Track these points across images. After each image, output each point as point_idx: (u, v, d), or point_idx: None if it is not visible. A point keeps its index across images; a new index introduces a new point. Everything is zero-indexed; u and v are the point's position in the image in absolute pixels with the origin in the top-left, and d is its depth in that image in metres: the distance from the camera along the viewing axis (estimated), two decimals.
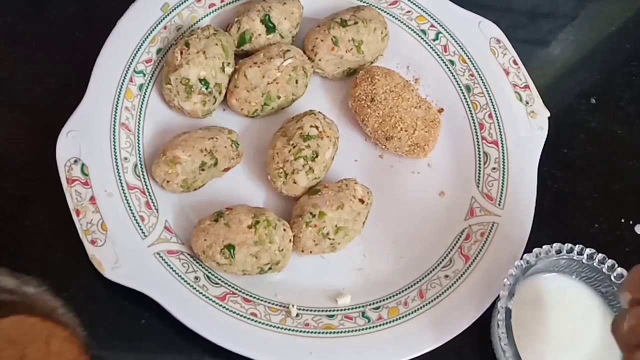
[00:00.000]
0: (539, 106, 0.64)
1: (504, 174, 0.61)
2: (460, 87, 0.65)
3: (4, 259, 0.55)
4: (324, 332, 0.54)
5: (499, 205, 0.60)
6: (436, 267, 0.58)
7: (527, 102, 0.64)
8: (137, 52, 0.62)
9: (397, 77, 0.63)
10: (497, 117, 0.64)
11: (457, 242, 0.59)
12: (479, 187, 0.61)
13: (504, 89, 0.65)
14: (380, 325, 0.54)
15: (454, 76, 0.66)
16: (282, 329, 0.53)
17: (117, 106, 0.59)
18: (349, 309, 0.56)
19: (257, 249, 0.53)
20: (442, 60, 0.66)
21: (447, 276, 0.57)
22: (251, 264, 0.54)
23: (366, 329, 0.54)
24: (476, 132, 0.64)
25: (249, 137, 0.62)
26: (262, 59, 0.60)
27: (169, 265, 0.54)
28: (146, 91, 0.62)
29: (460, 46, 0.66)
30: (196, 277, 0.54)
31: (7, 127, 0.62)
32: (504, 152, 0.62)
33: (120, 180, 0.56)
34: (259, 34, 0.62)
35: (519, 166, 0.62)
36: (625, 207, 0.64)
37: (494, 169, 0.62)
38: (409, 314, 0.55)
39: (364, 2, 0.67)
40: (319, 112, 0.60)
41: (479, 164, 0.62)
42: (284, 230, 0.55)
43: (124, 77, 0.61)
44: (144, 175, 0.58)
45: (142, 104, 0.61)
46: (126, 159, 0.58)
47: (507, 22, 0.70)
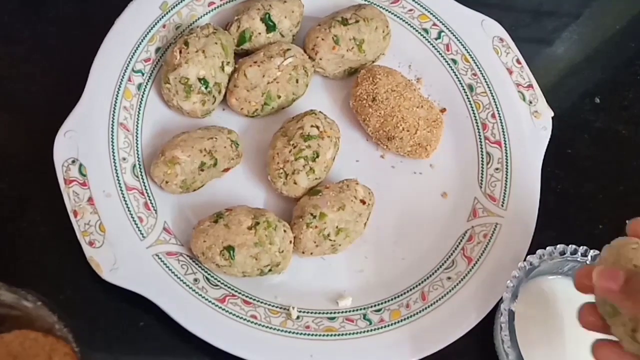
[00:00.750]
0: (543, 106, 0.64)
1: (507, 175, 0.61)
2: (462, 86, 0.66)
3: (1, 260, 0.55)
4: (324, 335, 0.54)
5: (502, 206, 0.60)
6: (438, 269, 0.58)
7: (530, 102, 0.64)
8: (135, 51, 0.62)
9: (399, 76, 0.63)
10: (500, 116, 0.64)
11: (459, 243, 0.59)
12: (481, 187, 0.61)
13: (507, 88, 0.65)
14: (381, 327, 0.55)
15: (456, 75, 0.66)
16: (282, 331, 0.53)
17: (115, 106, 0.59)
18: (350, 311, 0.56)
19: (257, 251, 0.53)
20: (444, 59, 0.67)
21: (449, 278, 0.57)
22: (251, 266, 0.54)
23: (368, 331, 0.54)
24: (479, 132, 0.64)
25: (249, 137, 0.62)
26: (262, 58, 0.60)
27: (167, 266, 0.54)
28: (145, 91, 0.62)
29: (462, 45, 0.67)
30: (195, 279, 0.54)
31: (4, 127, 0.62)
32: (507, 152, 0.62)
33: (118, 180, 0.57)
34: (259, 33, 0.63)
35: (522, 166, 0.62)
36: (630, 208, 0.64)
37: (497, 169, 0.62)
38: (411, 316, 0.55)
39: (366, 1, 0.67)
40: (320, 111, 0.60)
41: (482, 165, 0.62)
42: (285, 231, 0.55)
43: (122, 77, 0.61)
44: (142, 175, 0.58)
45: (141, 103, 0.61)
46: (124, 159, 0.58)
47: (510, 21, 0.70)
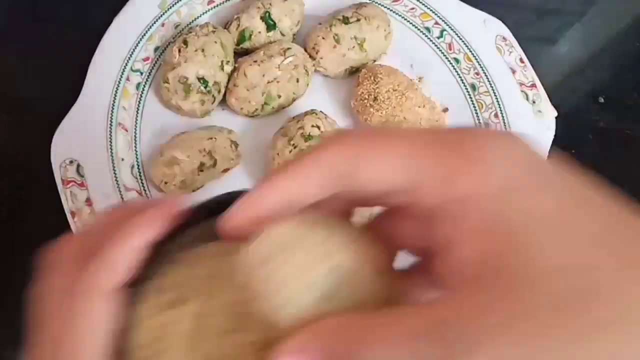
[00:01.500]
0: (546, 106, 0.64)
1: None
2: (465, 86, 0.66)
3: None
4: None
5: None
6: None
7: (533, 102, 0.64)
8: (134, 50, 0.62)
9: (401, 75, 0.63)
10: (503, 116, 0.64)
11: None
12: None
13: (510, 88, 0.65)
14: None
15: (458, 75, 0.66)
16: None
17: (113, 105, 0.59)
18: None
19: None
20: (446, 58, 0.67)
21: None
22: None
23: None
24: None
25: (249, 137, 0.62)
26: (262, 57, 0.60)
27: None
28: (143, 90, 0.62)
29: (465, 44, 0.67)
30: None
31: (1, 127, 0.62)
32: None
33: (117, 181, 0.57)
34: (259, 32, 0.63)
35: None
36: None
37: None
38: None
39: None
40: (321, 111, 0.60)
41: None
42: None
43: (121, 76, 0.61)
44: (141, 176, 0.58)
45: (140, 103, 0.61)
46: (123, 159, 0.58)
47: (514, 19, 0.70)
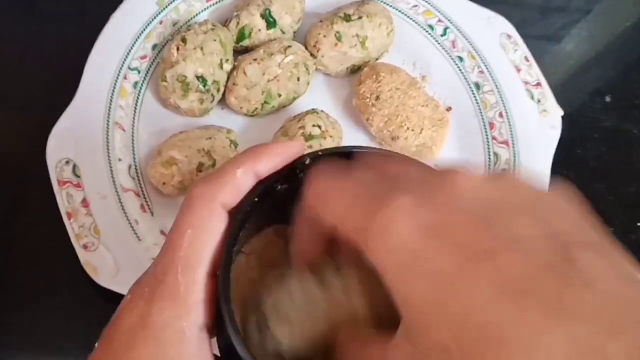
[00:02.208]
0: (552, 104, 0.64)
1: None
2: (469, 84, 0.65)
3: None
4: None
5: None
6: None
7: (539, 101, 0.64)
8: (131, 48, 0.62)
9: (403, 74, 0.63)
10: (507, 116, 0.63)
11: None
12: None
13: (515, 86, 0.65)
14: None
15: (462, 73, 0.66)
16: None
17: (110, 104, 0.59)
18: None
19: None
20: (450, 56, 0.66)
21: None
22: None
23: None
24: (486, 131, 0.63)
25: (249, 136, 0.62)
26: (262, 55, 0.60)
27: None
28: (141, 89, 0.61)
29: (469, 42, 0.66)
30: None
31: None
32: (514, 153, 0.62)
33: (113, 182, 0.56)
34: (259, 29, 0.62)
35: (530, 167, 0.61)
36: None
37: (505, 170, 0.61)
38: None
39: None
40: (322, 110, 0.60)
41: (489, 165, 0.62)
42: None
43: (118, 75, 0.60)
44: (138, 176, 0.58)
45: (137, 102, 0.61)
46: (120, 159, 0.58)
47: (518, 17, 0.70)
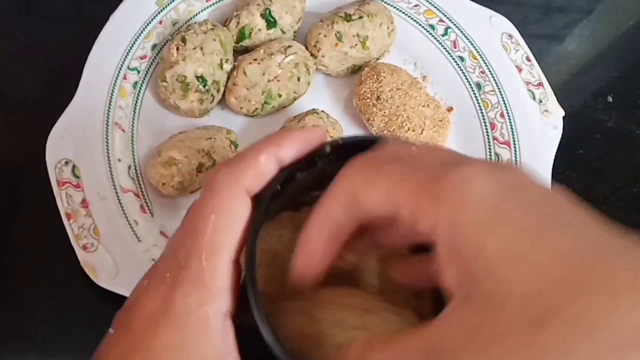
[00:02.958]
0: (553, 105, 0.64)
1: None
2: (470, 84, 0.66)
3: None
4: None
5: None
6: None
7: (540, 101, 0.64)
8: (131, 48, 0.62)
9: (404, 74, 0.63)
10: (509, 116, 0.64)
11: None
12: None
13: (517, 86, 0.65)
14: None
15: (463, 73, 0.66)
16: None
17: (110, 105, 0.59)
18: None
19: None
20: (451, 56, 0.67)
21: None
22: None
23: None
24: (487, 132, 0.64)
25: (249, 137, 0.62)
26: (263, 55, 0.60)
27: None
28: (140, 89, 0.62)
29: (470, 42, 0.67)
30: None
31: None
32: (516, 153, 0.62)
33: (113, 182, 0.56)
34: (259, 29, 0.63)
35: (532, 168, 0.62)
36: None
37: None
38: None
39: None
40: (322, 111, 0.60)
41: None
42: None
43: (117, 75, 0.61)
44: (138, 177, 0.58)
45: (136, 102, 0.61)
46: (119, 160, 0.58)
47: (520, 17, 0.70)
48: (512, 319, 0.21)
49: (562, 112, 0.64)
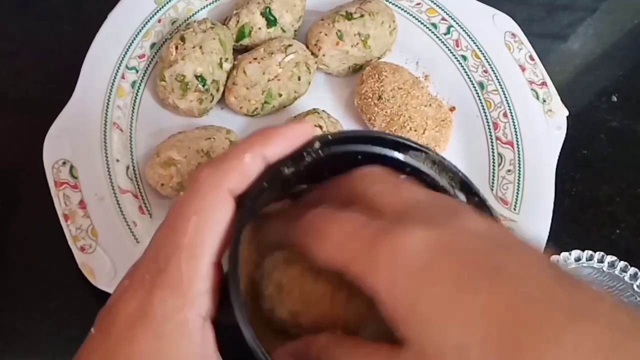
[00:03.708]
0: (557, 104, 0.64)
1: (519, 177, 0.61)
2: (473, 84, 0.66)
3: None
4: None
5: (515, 209, 0.60)
6: None
7: (544, 100, 0.64)
8: (129, 47, 0.62)
9: (406, 73, 0.63)
10: (512, 116, 0.64)
11: None
12: (493, 190, 0.61)
13: (520, 86, 0.65)
14: None
15: (466, 73, 0.66)
16: None
17: (108, 104, 0.59)
18: None
19: None
20: (453, 55, 0.67)
21: None
22: None
23: None
24: (490, 132, 0.64)
25: None
26: (263, 54, 0.60)
27: None
28: (139, 88, 0.62)
29: (473, 41, 0.67)
30: None
31: None
32: (519, 154, 0.62)
33: (111, 183, 0.57)
34: (259, 28, 0.63)
35: (535, 168, 0.62)
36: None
37: (509, 171, 0.62)
38: None
39: None
40: (323, 110, 0.60)
41: (493, 166, 0.62)
42: None
43: (116, 74, 0.61)
44: (136, 178, 0.58)
45: (135, 102, 0.61)
46: (118, 160, 0.58)
47: (523, 15, 0.70)
48: None
49: (566, 112, 0.64)
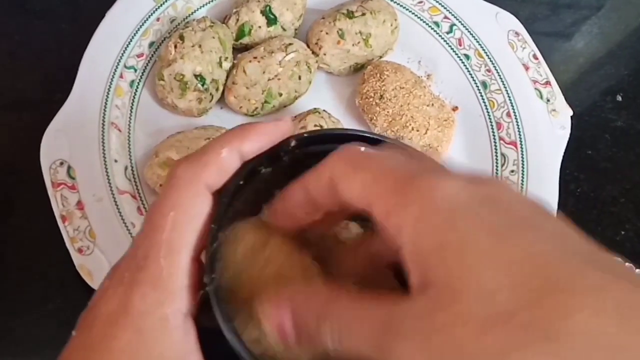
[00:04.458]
0: (561, 104, 0.64)
1: (523, 177, 0.61)
2: (476, 83, 0.66)
3: None
4: None
5: None
6: None
7: (548, 100, 0.64)
8: (127, 45, 0.62)
9: (408, 72, 0.63)
10: (515, 115, 0.64)
11: None
12: None
13: (523, 85, 0.65)
14: None
15: (469, 72, 0.66)
16: None
17: (106, 104, 0.59)
18: None
19: None
20: (456, 54, 0.67)
21: None
22: None
23: None
24: (493, 132, 0.64)
25: None
26: (263, 53, 0.60)
27: None
28: (137, 88, 0.62)
29: (476, 39, 0.67)
30: None
31: None
32: (523, 154, 0.62)
33: (109, 183, 0.57)
34: (259, 26, 0.63)
35: (539, 169, 0.61)
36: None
37: (513, 171, 0.62)
38: None
39: None
40: (324, 110, 0.60)
41: (496, 167, 0.62)
42: None
43: (114, 73, 0.61)
44: (135, 178, 0.58)
45: (133, 101, 0.61)
46: (116, 161, 0.58)
47: (527, 14, 0.70)
48: (462, 317, 0.21)
49: (570, 112, 0.64)
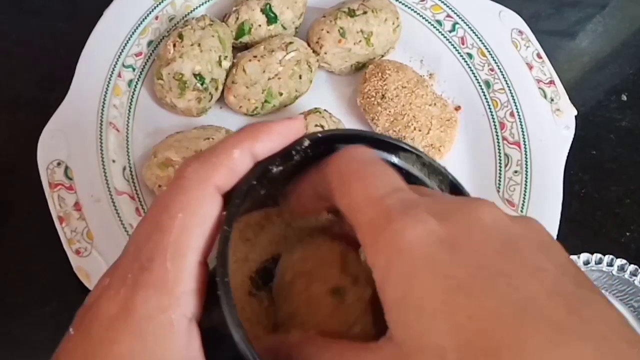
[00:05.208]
0: (565, 103, 0.64)
1: (526, 178, 0.61)
2: (479, 82, 0.65)
3: None
4: None
5: (522, 211, 0.60)
6: None
7: (552, 99, 0.64)
8: (125, 44, 0.62)
9: (410, 71, 0.63)
10: (519, 115, 0.64)
11: None
12: (499, 192, 0.61)
13: (527, 84, 0.65)
14: None
15: (472, 71, 0.66)
16: None
17: (104, 104, 0.59)
18: None
19: None
20: (459, 53, 0.67)
21: None
22: None
23: None
24: (496, 131, 0.64)
25: None
26: (263, 52, 0.60)
27: None
28: (136, 87, 0.62)
29: (479, 38, 0.67)
30: None
31: None
32: (526, 154, 0.62)
33: (107, 184, 0.56)
34: (259, 25, 0.63)
35: (543, 169, 0.61)
36: None
37: (516, 172, 0.62)
38: None
39: None
40: (325, 110, 0.60)
41: (500, 167, 0.62)
42: None
43: (112, 72, 0.61)
44: (133, 179, 0.58)
45: (132, 101, 0.61)
46: (114, 161, 0.58)
47: (531, 12, 0.70)
48: None
49: (575, 111, 0.64)
